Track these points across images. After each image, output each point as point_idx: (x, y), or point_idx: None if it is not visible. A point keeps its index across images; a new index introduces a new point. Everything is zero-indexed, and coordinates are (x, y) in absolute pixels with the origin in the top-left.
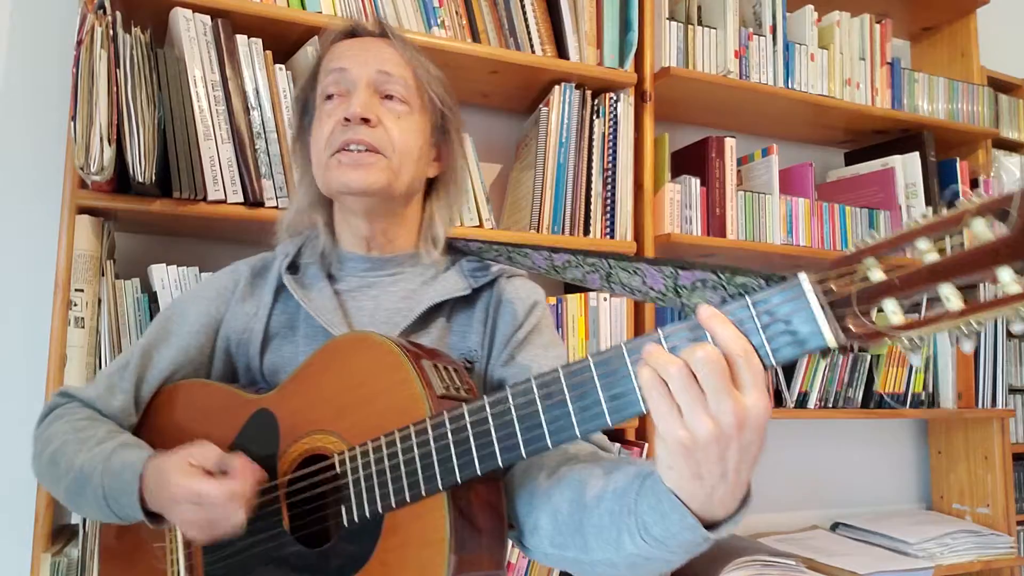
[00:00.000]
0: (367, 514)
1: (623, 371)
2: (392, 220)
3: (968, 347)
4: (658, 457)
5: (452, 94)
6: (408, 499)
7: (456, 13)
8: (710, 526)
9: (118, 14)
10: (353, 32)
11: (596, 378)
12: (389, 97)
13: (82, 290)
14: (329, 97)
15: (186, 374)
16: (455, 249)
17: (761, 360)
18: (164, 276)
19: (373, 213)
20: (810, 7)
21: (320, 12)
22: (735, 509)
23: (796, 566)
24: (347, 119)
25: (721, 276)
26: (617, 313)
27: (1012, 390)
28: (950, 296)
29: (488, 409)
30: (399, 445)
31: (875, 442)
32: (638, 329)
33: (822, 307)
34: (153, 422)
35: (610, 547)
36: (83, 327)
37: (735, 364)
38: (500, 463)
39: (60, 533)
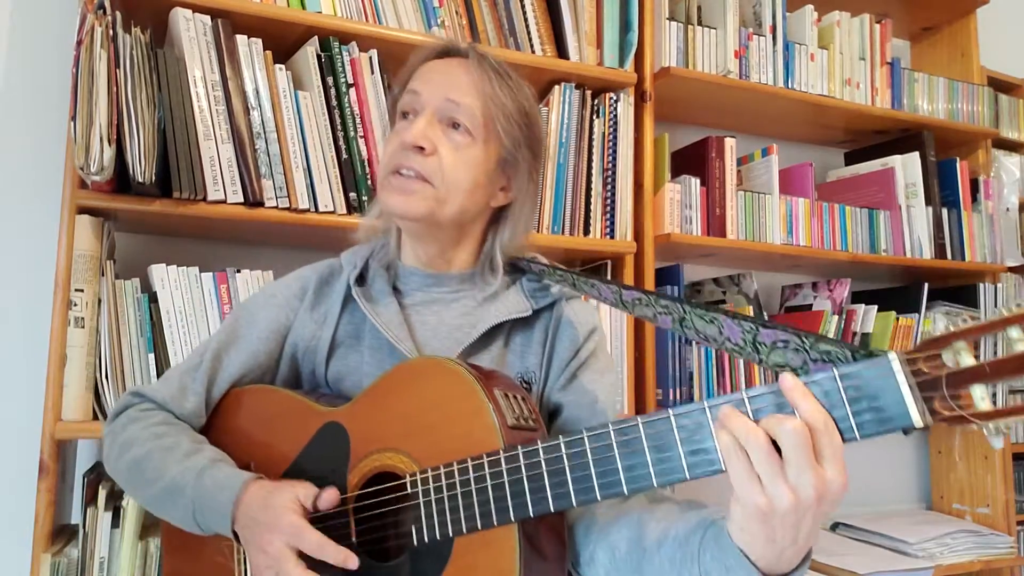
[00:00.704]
0: (437, 536)
1: (705, 428)
2: (447, 244)
3: (997, 444)
4: (732, 517)
5: (532, 127)
6: (479, 527)
7: (456, 13)
8: None
9: (118, 14)
10: (446, 52)
11: (676, 431)
12: (455, 126)
13: (82, 290)
14: (404, 115)
15: (254, 378)
16: (517, 268)
17: (842, 434)
18: (164, 276)
19: (422, 236)
20: (810, 7)
21: (320, 12)
22: (797, 564)
23: None
24: (403, 144)
25: (804, 340)
26: (617, 316)
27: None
28: None
29: (564, 449)
30: (472, 474)
31: (875, 442)
32: (639, 335)
33: (911, 388)
34: (220, 424)
35: None
36: (83, 327)
37: (817, 436)
38: (575, 503)
39: (60, 533)
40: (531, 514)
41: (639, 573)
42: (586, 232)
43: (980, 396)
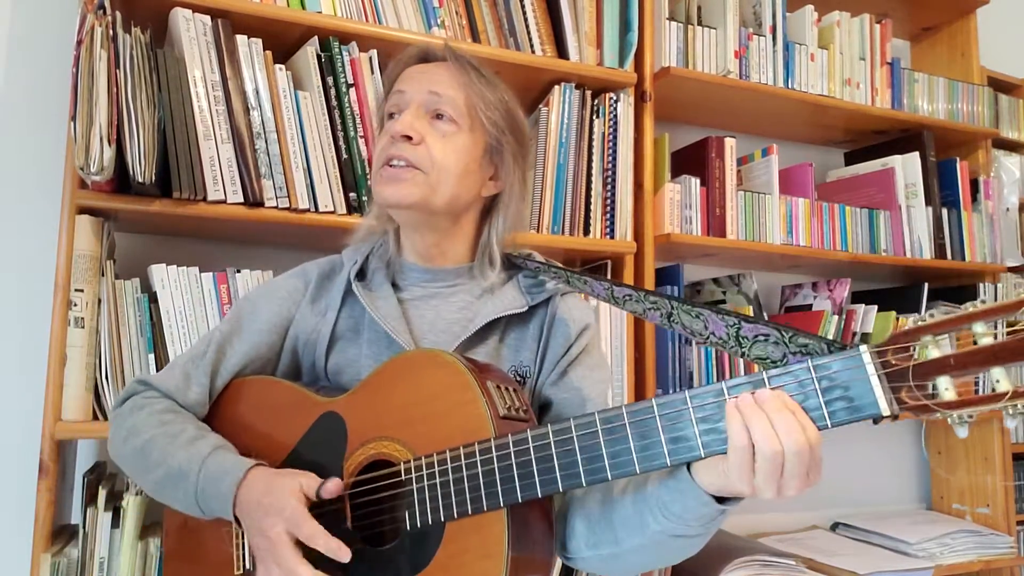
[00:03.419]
0: (429, 521)
1: (686, 416)
2: (443, 234)
3: (1011, 424)
4: (715, 472)
5: (513, 117)
6: (469, 512)
7: (456, 13)
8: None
9: (118, 14)
10: (425, 58)
11: (658, 419)
12: (439, 117)
13: (82, 290)
14: (391, 116)
15: (255, 369)
16: (513, 264)
17: (815, 423)
18: (164, 276)
19: (419, 226)
20: (810, 7)
21: (320, 12)
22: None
23: (796, 566)
24: (392, 136)
25: (783, 334)
26: (617, 316)
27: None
28: (1000, 379)
29: (551, 437)
30: (463, 461)
31: (875, 442)
32: (639, 333)
33: (880, 379)
34: (222, 413)
35: (637, 532)
36: (83, 327)
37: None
38: (561, 488)
39: (60, 533)
40: (519, 499)
41: (611, 527)
42: (586, 232)
43: (945, 387)
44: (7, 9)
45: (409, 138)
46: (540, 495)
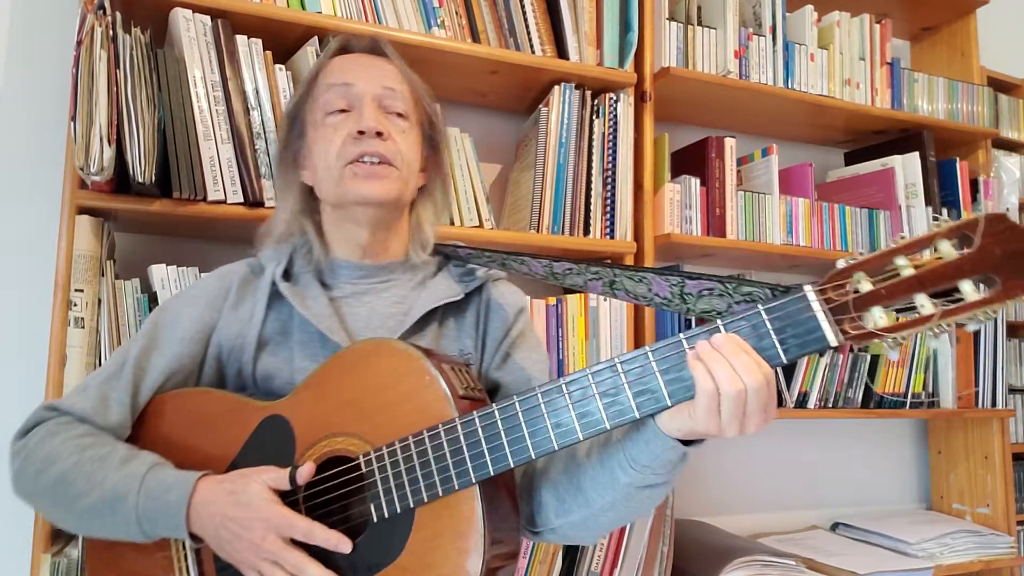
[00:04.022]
0: (398, 509)
1: (649, 370)
2: (389, 230)
3: (934, 344)
4: (675, 422)
5: (437, 108)
6: (440, 493)
7: (456, 13)
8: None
9: (118, 14)
10: (347, 48)
11: (623, 375)
12: (392, 113)
13: (82, 290)
14: (335, 111)
15: (177, 382)
16: (443, 254)
17: (769, 361)
18: (164, 276)
19: (378, 223)
20: (810, 7)
21: (320, 12)
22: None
23: (796, 566)
24: (361, 132)
25: (727, 285)
26: (617, 314)
27: (1012, 390)
28: (924, 304)
29: (519, 407)
30: (428, 443)
31: (875, 442)
32: (638, 330)
33: (824, 313)
34: (147, 432)
35: (608, 489)
36: (83, 327)
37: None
38: (533, 456)
39: (60, 533)
40: (491, 472)
41: (580, 490)
42: (586, 232)
43: (879, 315)
44: (7, 9)
45: (380, 134)
46: (513, 464)
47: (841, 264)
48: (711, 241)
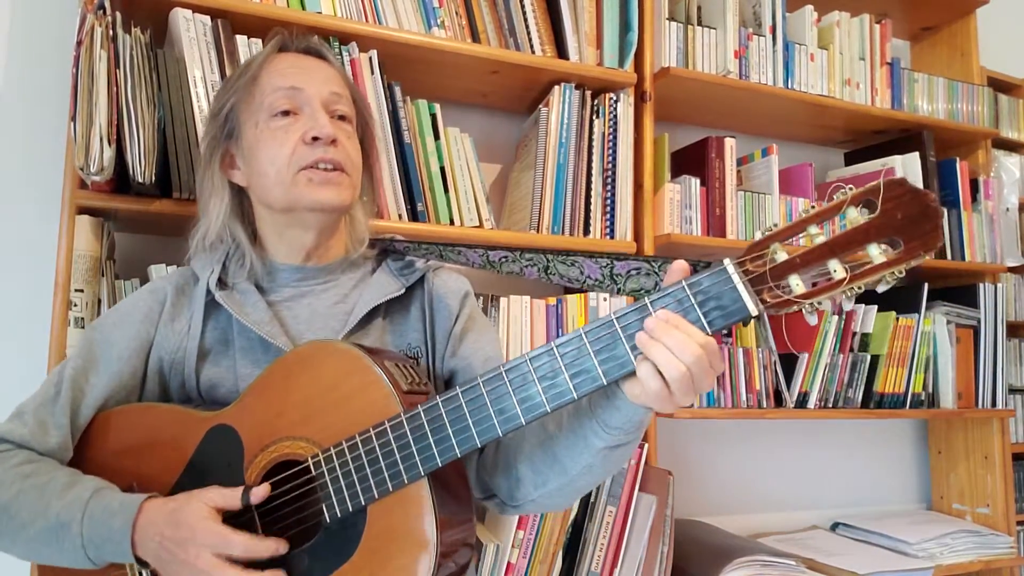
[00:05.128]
0: (350, 508)
1: (584, 351)
2: (333, 232)
3: (849, 306)
4: (634, 395)
5: (366, 100)
6: (391, 488)
7: (456, 13)
8: None
9: (118, 14)
10: (285, 46)
11: (560, 358)
12: (339, 117)
13: (82, 290)
14: (281, 114)
15: (119, 400)
16: (382, 250)
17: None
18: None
19: (324, 227)
20: (810, 7)
21: (320, 12)
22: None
23: (796, 566)
24: (315, 138)
25: (653, 264)
26: (616, 306)
27: (1012, 390)
28: (836, 269)
29: (462, 397)
30: (375, 441)
31: (875, 442)
32: None
33: (744, 284)
34: (91, 453)
35: (583, 454)
36: (83, 327)
37: (711, 349)
38: (479, 443)
39: None
40: (439, 463)
41: (556, 459)
42: (586, 232)
43: (796, 283)
44: (7, 9)
45: (334, 141)
46: (459, 454)
47: (758, 236)
48: (711, 241)
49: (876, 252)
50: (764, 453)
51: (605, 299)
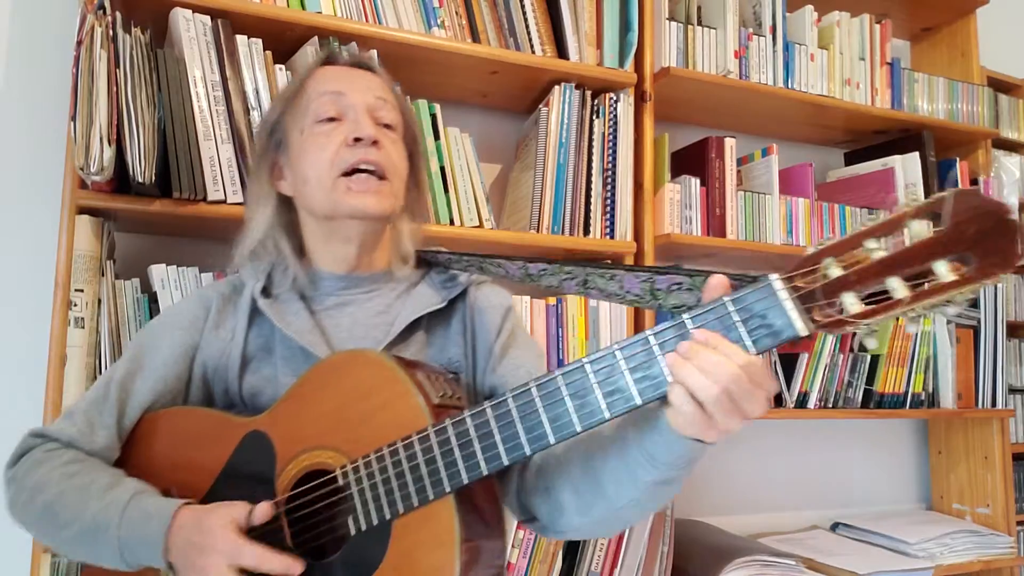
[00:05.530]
0: (375, 521)
1: (618, 368)
2: (376, 243)
3: (912, 329)
4: (677, 425)
5: (416, 122)
6: (416, 504)
7: (456, 13)
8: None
9: (118, 14)
10: (332, 59)
11: (592, 375)
12: (383, 125)
13: (82, 290)
14: (325, 120)
15: (165, 403)
16: (424, 261)
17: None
18: (164, 276)
19: (366, 238)
20: (810, 7)
21: (320, 12)
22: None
23: (796, 566)
24: (357, 139)
25: (695, 279)
26: (617, 313)
27: (1012, 390)
28: (897, 287)
29: (490, 412)
30: (402, 453)
31: (875, 442)
32: (638, 329)
33: (792, 302)
34: (136, 452)
35: (630, 487)
36: (83, 327)
37: (753, 370)
38: (506, 461)
39: None
40: (465, 480)
41: (601, 490)
42: (586, 232)
43: (850, 302)
44: (7, 9)
45: (375, 143)
46: (486, 472)
47: (810, 250)
48: (711, 241)
49: (944, 270)
50: (764, 453)
51: (606, 306)
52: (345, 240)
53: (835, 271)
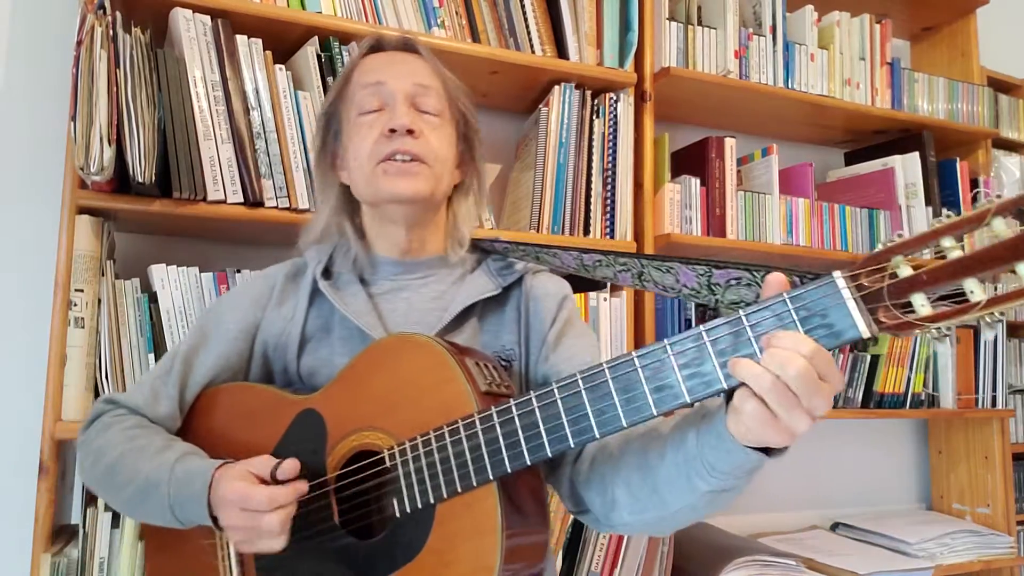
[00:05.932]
0: (419, 505)
1: (667, 364)
2: (425, 227)
3: (989, 334)
4: (736, 430)
5: (472, 105)
6: (459, 489)
7: (456, 13)
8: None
9: (118, 14)
10: (379, 46)
11: (640, 370)
12: (425, 110)
13: (82, 290)
14: (367, 111)
15: (226, 378)
16: (481, 249)
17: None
18: (164, 276)
19: (412, 221)
20: (810, 7)
21: (320, 12)
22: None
23: (796, 566)
24: (392, 130)
25: (755, 275)
26: (617, 313)
27: (1012, 390)
28: (974, 289)
29: (535, 403)
30: (448, 439)
31: (875, 442)
32: (638, 329)
33: (856, 301)
34: (197, 424)
35: (686, 493)
36: (83, 327)
37: (818, 360)
38: (549, 453)
39: (60, 533)
40: (508, 469)
41: (656, 491)
42: (586, 232)
43: (920, 303)
44: (7, 9)
45: (411, 132)
46: (529, 462)
47: (878, 247)
48: (711, 241)
49: None
50: None
51: (605, 299)
52: (393, 225)
53: (905, 270)
